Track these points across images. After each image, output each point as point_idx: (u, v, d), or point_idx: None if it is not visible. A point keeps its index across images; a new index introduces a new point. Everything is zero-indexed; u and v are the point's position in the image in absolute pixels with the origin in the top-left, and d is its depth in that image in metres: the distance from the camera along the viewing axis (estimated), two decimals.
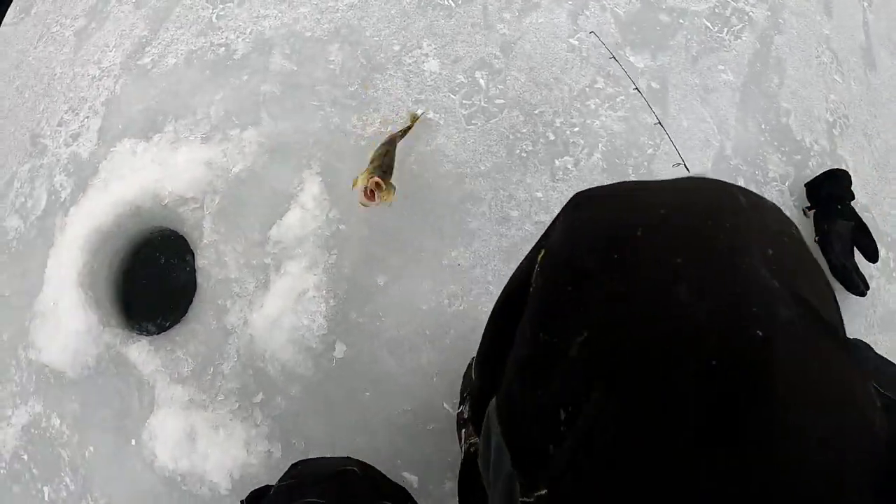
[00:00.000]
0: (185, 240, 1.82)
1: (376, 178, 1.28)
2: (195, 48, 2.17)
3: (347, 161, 1.94)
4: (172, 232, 1.84)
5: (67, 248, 1.76)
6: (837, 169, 2.15)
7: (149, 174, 1.85)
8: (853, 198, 2.08)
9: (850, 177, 2.11)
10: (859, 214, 2.05)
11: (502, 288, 0.81)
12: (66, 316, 1.69)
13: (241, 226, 1.80)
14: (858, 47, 2.95)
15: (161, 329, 1.75)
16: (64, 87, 2.14)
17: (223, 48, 2.18)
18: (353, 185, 1.22)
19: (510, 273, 0.88)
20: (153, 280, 1.89)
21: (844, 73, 2.79)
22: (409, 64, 2.17)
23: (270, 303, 1.62)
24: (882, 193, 2.59)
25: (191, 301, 1.73)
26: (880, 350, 0.97)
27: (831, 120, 2.62)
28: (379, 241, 1.79)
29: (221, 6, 2.29)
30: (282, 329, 1.61)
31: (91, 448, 1.73)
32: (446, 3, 2.32)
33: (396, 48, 2.20)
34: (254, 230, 1.80)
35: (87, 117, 2.05)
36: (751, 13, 2.65)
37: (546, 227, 0.74)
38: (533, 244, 0.85)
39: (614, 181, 1.69)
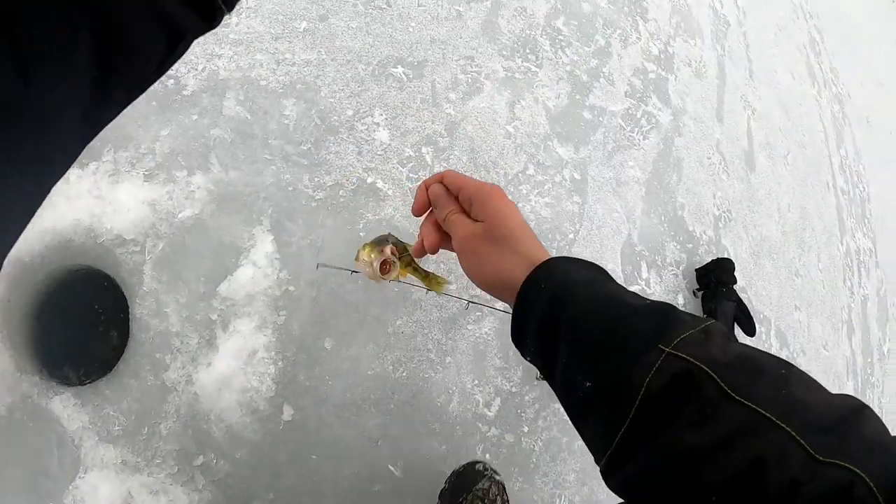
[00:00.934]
0: (118, 284, 1.84)
1: (390, 250, 1.14)
2: None
3: (298, 221, 2.12)
4: (102, 274, 1.85)
5: None
6: (723, 258, 2.82)
7: (85, 205, 1.86)
8: (735, 282, 2.74)
9: (733, 264, 2.78)
10: (739, 295, 2.70)
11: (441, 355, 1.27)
12: None
13: (185, 277, 1.89)
14: (742, 151, 3.86)
15: (81, 380, 1.74)
16: None
17: (172, 80, 2.24)
18: (357, 258, 1.14)
19: (448, 343, 1.09)
20: (75, 323, 1.87)
21: (730, 173, 3.63)
22: (362, 131, 2.42)
23: (220, 361, 1.74)
24: (756, 277, 3.40)
25: (121, 353, 1.76)
26: None
27: (717, 213, 3.40)
28: (327, 304, 1.99)
29: None
30: (231, 390, 1.74)
31: None
32: (399, 74, 2.61)
33: (350, 112, 2.43)
34: (199, 282, 1.89)
35: None
36: (657, 116, 3.35)
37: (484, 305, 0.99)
38: (467, 318, 1.04)
39: None
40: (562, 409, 2.18)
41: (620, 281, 2.33)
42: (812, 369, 3.40)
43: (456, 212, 0.77)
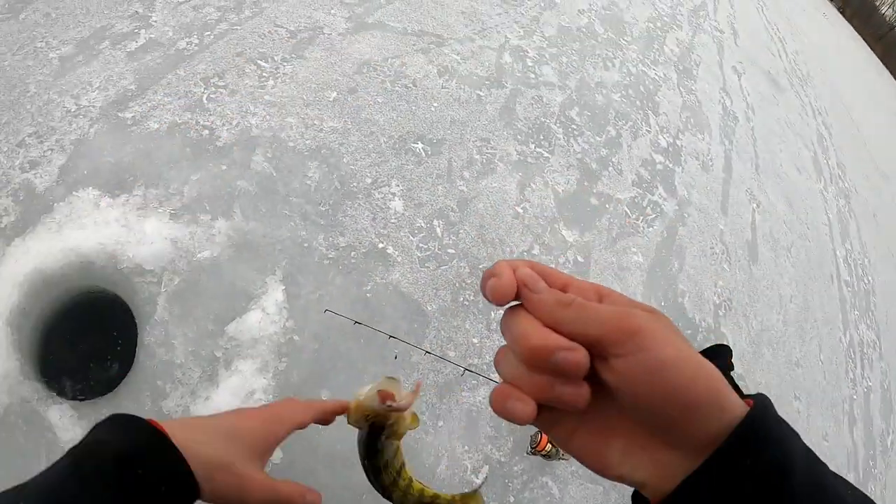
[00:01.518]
0: (131, 311, 1.97)
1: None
2: (180, 121, 2.45)
3: (310, 276, 2.29)
4: (118, 300, 1.98)
5: (5, 284, 1.84)
6: (721, 344, 2.99)
7: (111, 232, 2.05)
8: (733, 369, 2.90)
9: (731, 351, 2.94)
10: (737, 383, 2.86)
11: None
12: None
13: (196, 314, 2.03)
14: (745, 242, 4.15)
15: (76, 395, 1.83)
16: (34, 109, 2.30)
17: (207, 131, 2.49)
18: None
19: (442, 407, 1.18)
20: (83, 341, 1.99)
21: (732, 262, 3.89)
22: (378, 199, 2.65)
23: (218, 396, 1.86)
24: (755, 366, 3.56)
25: (124, 375, 1.86)
26: None
27: (718, 302, 3.61)
28: (328, 357, 2.12)
29: (214, 90, 2.63)
30: None
31: None
32: (418, 150, 2.89)
33: (368, 181, 2.68)
34: (208, 320, 2.03)
35: (52, 149, 2.21)
36: (662, 205, 3.65)
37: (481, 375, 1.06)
38: (463, 385, 1.13)
39: None
40: (550, 483, 2.23)
41: None
42: None
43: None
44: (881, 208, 7.76)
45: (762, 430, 0.35)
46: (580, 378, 0.36)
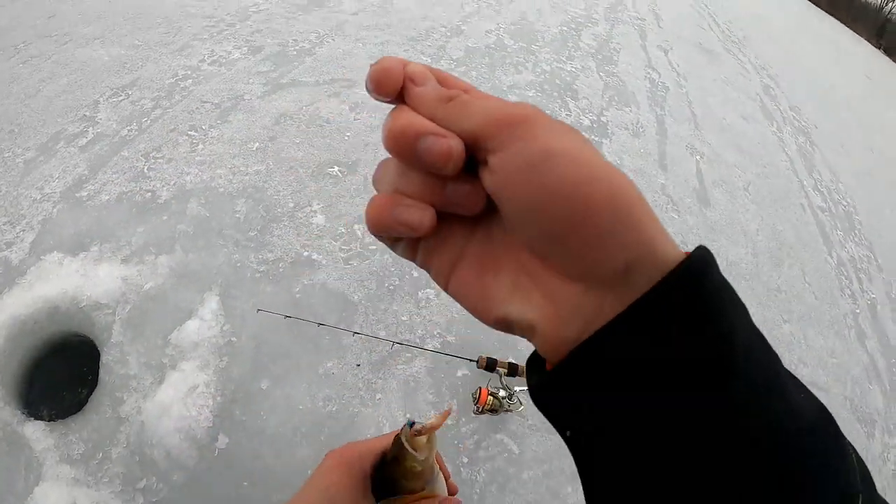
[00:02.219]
0: (90, 350, 2.39)
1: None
2: (126, 190, 2.97)
3: (244, 288, 2.71)
4: (84, 340, 2.42)
5: None
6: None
7: (71, 281, 2.52)
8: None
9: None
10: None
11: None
12: None
13: (146, 333, 2.45)
14: (692, 190, 4.43)
15: (52, 417, 2.22)
16: (6, 203, 2.83)
17: (150, 193, 2.99)
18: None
19: (378, 382, 1.41)
20: (55, 375, 2.41)
21: (680, 210, 4.18)
22: (301, 218, 3.08)
23: (163, 392, 2.22)
24: None
25: (86, 401, 2.26)
26: None
27: None
28: (265, 353, 2.49)
29: (154, 161, 3.17)
30: (170, 417, 2.20)
31: None
32: (335, 173, 3.35)
33: (291, 205, 3.13)
34: (157, 336, 2.45)
35: (23, 230, 2.72)
36: None
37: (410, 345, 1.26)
38: (397, 359, 1.36)
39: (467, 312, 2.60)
40: (507, 441, 2.46)
41: None
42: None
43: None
44: (848, 136, 7.99)
45: (698, 292, 0.29)
46: (456, 170, 0.31)
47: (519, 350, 2.81)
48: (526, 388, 1.90)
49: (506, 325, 0.33)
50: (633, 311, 0.28)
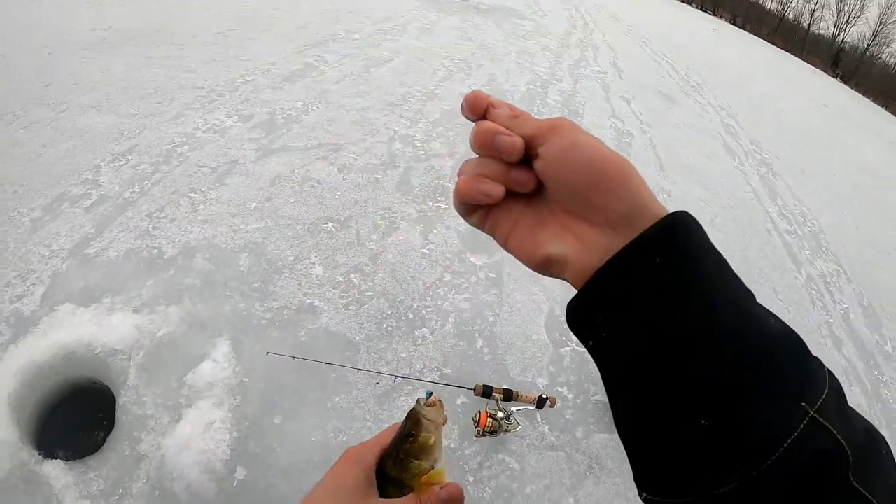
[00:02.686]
0: (104, 396, 2.55)
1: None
2: (133, 247, 3.18)
3: (251, 334, 2.92)
4: (94, 387, 2.57)
5: (3, 374, 2.48)
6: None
7: (86, 329, 2.71)
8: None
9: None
10: None
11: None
12: None
13: (160, 376, 2.64)
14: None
15: (68, 458, 2.35)
16: (15, 259, 3.00)
17: (156, 250, 3.21)
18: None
19: (384, 413, 1.62)
20: (71, 419, 2.53)
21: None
22: (301, 269, 3.34)
23: (183, 428, 2.41)
24: None
25: (103, 442, 2.40)
26: None
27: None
28: (275, 391, 2.69)
29: (157, 221, 3.41)
30: (190, 451, 2.37)
31: None
32: (329, 228, 3.66)
33: (291, 258, 3.39)
34: (171, 379, 2.63)
35: (34, 284, 2.89)
36: None
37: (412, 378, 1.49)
38: (400, 392, 1.58)
39: (465, 343, 2.84)
40: (508, 459, 2.71)
41: (549, 349, 3.04)
42: None
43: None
44: (809, 163, 8.93)
45: (677, 233, 0.43)
46: (518, 157, 0.47)
47: (511, 378, 3.11)
48: (522, 408, 2.73)
49: (547, 262, 0.48)
50: (632, 244, 0.43)
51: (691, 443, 0.41)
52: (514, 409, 2.76)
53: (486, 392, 2.75)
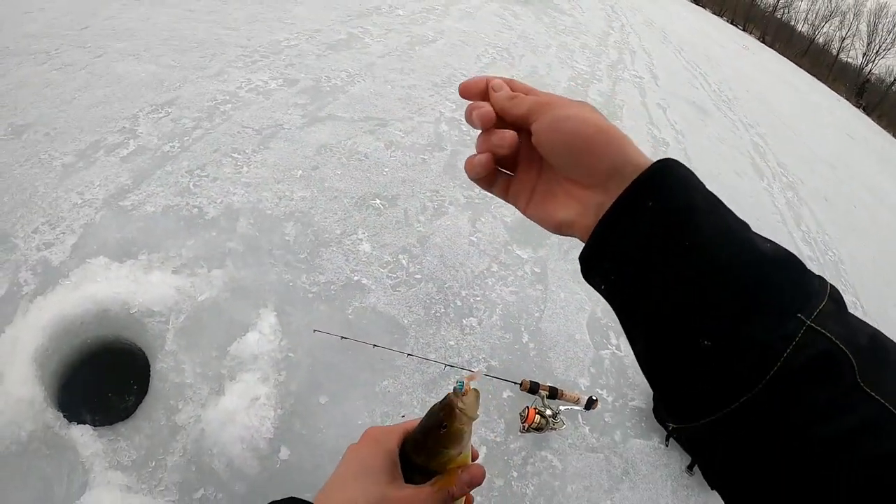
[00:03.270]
0: (134, 358, 2.37)
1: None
2: (172, 204, 3.00)
3: (298, 306, 2.76)
4: (130, 346, 2.39)
5: (30, 328, 2.28)
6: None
7: (122, 285, 2.51)
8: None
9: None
10: None
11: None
12: (13, 383, 2.08)
13: (201, 343, 2.46)
14: None
15: (95, 423, 2.17)
16: (45, 204, 2.83)
17: (196, 209, 3.03)
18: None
19: (431, 400, 1.50)
20: (99, 380, 2.36)
21: None
22: (348, 244, 3.16)
23: (226, 401, 2.24)
24: None
25: (134, 408, 2.22)
26: None
27: None
28: (322, 369, 2.52)
29: (198, 179, 3.22)
30: (235, 425, 2.19)
31: None
32: (377, 205, 3.47)
33: (338, 232, 3.21)
34: (212, 347, 2.45)
35: (63, 233, 2.71)
36: None
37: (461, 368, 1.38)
38: (448, 380, 1.46)
39: (511, 336, 2.68)
40: (550, 457, 2.56)
41: (590, 350, 2.89)
42: None
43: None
44: (832, 191, 8.88)
45: (663, 178, 0.47)
46: (487, 127, 0.56)
47: (555, 376, 2.99)
48: (569, 407, 2.62)
49: (560, 226, 0.55)
50: (623, 194, 0.48)
51: (698, 364, 0.45)
52: (562, 407, 2.67)
53: (533, 388, 2.72)
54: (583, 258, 0.52)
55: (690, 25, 20.86)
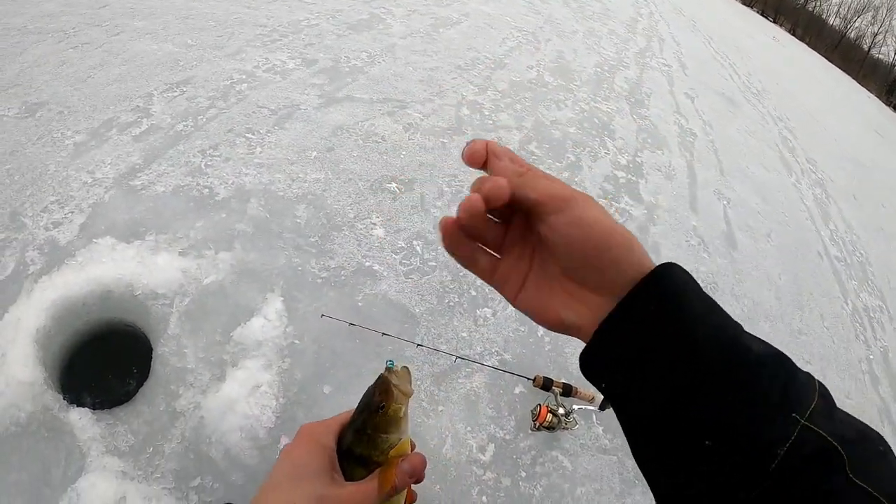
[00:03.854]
0: (136, 342, 2.28)
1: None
2: (183, 184, 2.90)
3: (306, 292, 2.64)
4: (128, 331, 2.30)
5: (33, 308, 2.20)
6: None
7: (127, 267, 2.43)
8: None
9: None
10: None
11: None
12: (14, 364, 2.00)
13: (205, 328, 2.36)
14: (721, 232, 4.58)
15: (95, 406, 2.09)
16: (55, 183, 2.74)
17: (207, 189, 2.93)
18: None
19: (440, 394, 1.40)
20: (101, 363, 2.28)
21: (710, 251, 4.31)
22: (361, 229, 3.04)
23: (227, 388, 2.13)
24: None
25: (135, 392, 2.14)
26: None
27: (703, 285, 3.85)
28: (327, 358, 2.41)
29: (210, 158, 3.11)
30: (234, 413, 2.09)
31: None
32: (392, 188, 3.34)
33: (351, 215, 3.09)
34: (216, 332, 2.36)
35: (72, 212, 2.62)
36: (631, 211, 4.20)
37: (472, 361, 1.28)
38: (458, 373, 1.34)
39: (526, 330, 2.54)
40: (561, 458, 2.42)
41: None
42: None
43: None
44: (860, 190, 8.53)
45: (662, 284, 0.48)
46: (499, 203, 0.48)
47: (570, 372, 2.83)
48: (583, 406, 2.01)
49: (561, 326, 0.52)
50: (622, 302, 0.48)
51: (699, 464, 0.47)
52: (575, 406, 2.50)
53: (546, 385, 2.54)
54: (583, 361, 0.52)
55: (720, 15, 20.21)
